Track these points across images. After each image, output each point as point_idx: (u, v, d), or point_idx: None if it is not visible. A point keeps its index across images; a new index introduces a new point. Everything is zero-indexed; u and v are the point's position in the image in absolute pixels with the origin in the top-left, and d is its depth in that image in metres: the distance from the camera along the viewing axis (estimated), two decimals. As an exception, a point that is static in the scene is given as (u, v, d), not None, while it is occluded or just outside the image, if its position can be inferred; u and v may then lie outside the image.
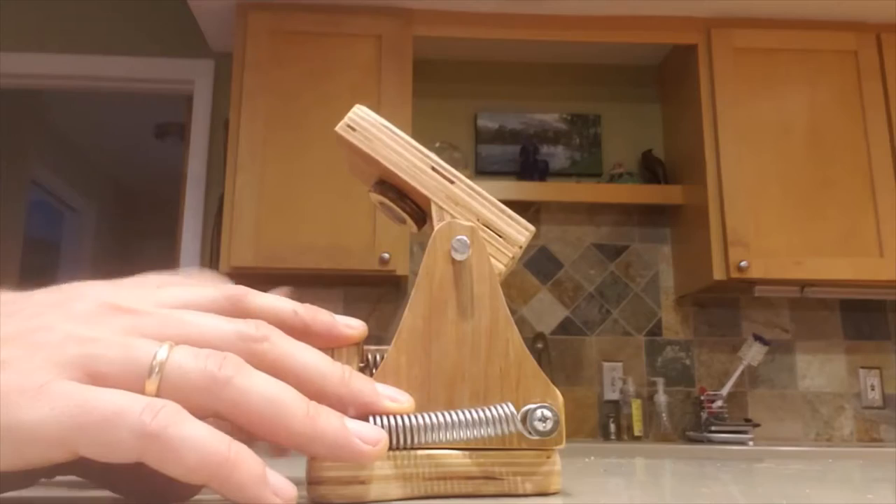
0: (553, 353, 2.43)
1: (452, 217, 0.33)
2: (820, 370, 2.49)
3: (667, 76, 2.64)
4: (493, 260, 0.33)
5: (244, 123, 2.20)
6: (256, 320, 0.28)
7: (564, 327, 2.50)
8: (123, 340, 0.25)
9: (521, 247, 0.34)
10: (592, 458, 0.62)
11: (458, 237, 0.32)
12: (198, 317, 0.28)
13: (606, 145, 2.64)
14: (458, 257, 0.32)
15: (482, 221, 0.33)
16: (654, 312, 2.52)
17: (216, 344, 0.27)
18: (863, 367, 2.49)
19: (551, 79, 2.68)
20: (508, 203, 0.36)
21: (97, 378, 0.24)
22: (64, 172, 4.24)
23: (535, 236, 2.61)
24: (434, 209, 0.33)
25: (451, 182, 0.34)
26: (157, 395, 0.24)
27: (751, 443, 2.18)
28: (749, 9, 2.34)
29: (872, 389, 2.48)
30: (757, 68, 2.35)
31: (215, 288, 0.30)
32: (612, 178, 2.53)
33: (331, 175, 2.18)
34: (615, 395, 2.42)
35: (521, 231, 0.34)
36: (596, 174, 2.60)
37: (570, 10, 2.36)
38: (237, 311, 0.29)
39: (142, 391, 0.24)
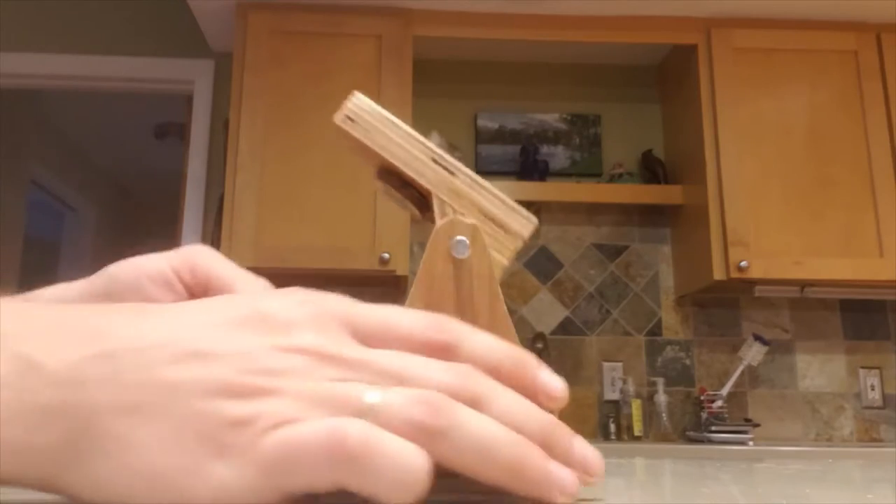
0: (553, 353, 2.43)
1: (454, 210, 0.33)
2: (820, 370, 2.49)
3: (667, 76, 2.64)
4: (495, 254, 0.32)
5: (244, 123, 2.20)
6: (474, 375, 0.25)
7: (564, 327, 2.50)
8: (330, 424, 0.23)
9: (524, 240, 0.33)
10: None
11: (459, 237, 0.32)
12: (412, 369, 0.24)
13: (606, 145, 2.64)
14: (458, 256, 0.31)
15: (485, 214, 0.33)
16: (654, 312, 2.52)
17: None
18: (863, 367, 2.49)
19: (551, 79, 2.68)
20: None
21: None
22: (64, 172, 4.24)
23: (535, 236, 2.61)
24: (436, 202, 0.33)
25: (453, 174, 0.33)
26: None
27: (751, 443, 2.18)
28: (749, 9, 2.34)
29: (872, 389, 2.48)
30: (757, 68, 2.35)
31: (421, 316, 0.27)
32: (612, 178, 2.53)
33: (331, 175, 2.18)
34: (615, 395, 2.42)
35: (524, 225, 0.33)
36: (596, 174, 2.60)
37: (570, 10, 2.36)
38: (444, 353, 0.26)
39: None
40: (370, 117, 0.34)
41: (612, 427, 2.37)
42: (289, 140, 2.21)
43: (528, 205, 2.57)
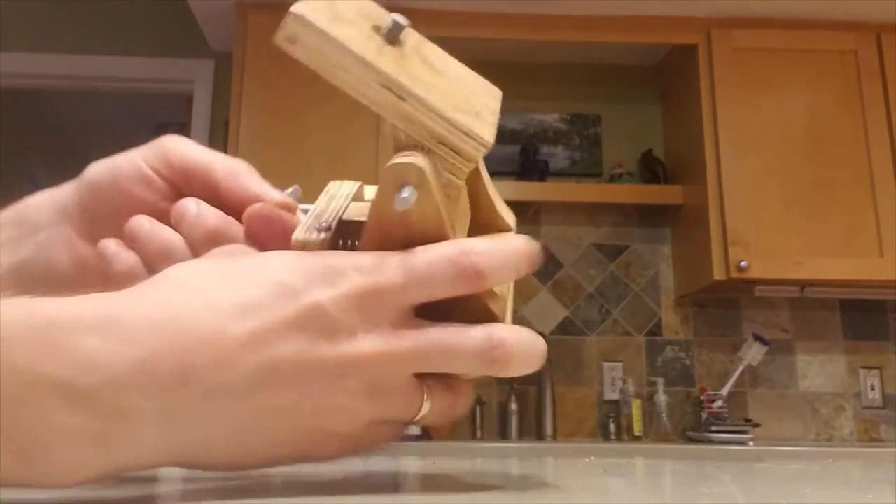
0: (553, 353, 2.43)
1: (405, 136, 0.30)
2: (820, 370, 2.49)
3: (667, 76, 2.64)
4: (448, 175, 0.31)
5: (244, 123, 2.20)
6: (499, 343, 0.29)
7: (564, 327, 2.50)
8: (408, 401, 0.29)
9: (476, 161, 0.31)
10: (592, 458, 0.62)
11: (404, 189, 0.29)
12: (455, 355, 0.29)
13: (606, 145, 2.64)
14: (400, 207, 0.29)
15: (436, 139, 0.30)
16: (654, 312, 2.52)
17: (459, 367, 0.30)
18: (863, 368, 2.49)
19: (551, 79, 2.68)
20: (508, 203, 0.35)
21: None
22: (64, 172, 4.22)
23: (535, 236, 2.60)
24: (387, 126, 0.31)
25: (403, 100, 0.30)
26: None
27: (751, 443, 2.18)
28: (749, 9, 2.34)
29: (872, 389, 2.48)
30: (757, 68, 2.34)
31: (442, 259, 0.29)
32: (612, 178, 2.53)
33: (331, 175, 2.17)
34: (615, 395, 2.42)
35: (476, 147, 0.31)
36: (596, 174, 2.60)
37: (570, 10, 2.36)
38: (479, 287, 0.29)
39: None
40: (313, 39, 0.30)
41: (612, 427, 2.37)
42: (289, 140, 2.21)
43: (528, 205, 2.57)
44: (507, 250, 0.30)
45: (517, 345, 0.29)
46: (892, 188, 2.27)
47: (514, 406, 2.33)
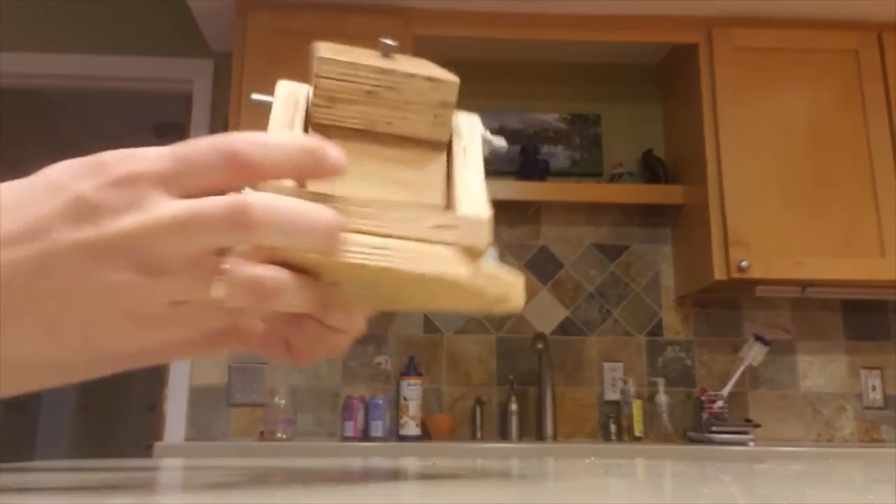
0: (553, 353, 2.43)
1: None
2: (821, 370, 2.49)
3: (667, 76, 2.64)
4: (321, 106, 0.36)
5: (244, 123, 2.20)
6: (243, 207, 0.29)
7: (564, 327, 2.49)
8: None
9: (317, 88, 0.35)
10: (592, 458, 0.62)
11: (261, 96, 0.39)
12: (192, 221, 0.29)
13: (606, 145, 2.64)
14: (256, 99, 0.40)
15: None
16: (654, 312, 2.52)
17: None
18: (864, 368, 2.49)
19: (551, 79, 2.68)
20: (508, 203, 0.35)
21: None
22: (64, 172, 4.24)
23: (535, 236, 2.62)
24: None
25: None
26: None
27: (751, 443, 2.18)
28: (749, 8, 2.34)
29: (873, 390, 2.47)
30: (757, 68, 2.34)
31: (208, 146, 0.30)
32: (613, 178, 2.53)
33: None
34: (616, 396, 2.42)
35: (319, 66, 0.36)
36: (596, 174, 2.60)
37: (570, 10, 2.36)
38: (246, 174, 0.30)
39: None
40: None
41: (613, 427, 2.37)
42: (289, 140, 2.21)
43: (528, 205, 2.57)
44: (282, 143, 0.31)
45: (267, 208, 0.29)
46: (892, 188, 2.26)
47: (514, 406, 2.33)
